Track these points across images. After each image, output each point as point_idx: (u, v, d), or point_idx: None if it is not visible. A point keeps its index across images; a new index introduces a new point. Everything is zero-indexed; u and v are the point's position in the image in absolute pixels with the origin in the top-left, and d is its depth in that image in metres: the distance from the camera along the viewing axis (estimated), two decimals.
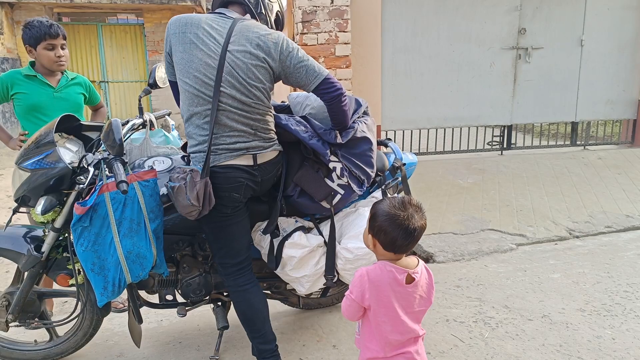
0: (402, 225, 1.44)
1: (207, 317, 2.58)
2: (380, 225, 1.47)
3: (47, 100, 2.54)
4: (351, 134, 2.00)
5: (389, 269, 1.49)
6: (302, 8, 4.32)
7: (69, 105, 2.57)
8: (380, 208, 1.50)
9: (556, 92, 5.58)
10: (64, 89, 2.60)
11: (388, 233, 1.46)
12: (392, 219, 1.45)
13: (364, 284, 1.48)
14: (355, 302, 1.51)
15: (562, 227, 4.03)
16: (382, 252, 1.51)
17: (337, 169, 1.99)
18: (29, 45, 2.49)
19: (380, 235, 1.48)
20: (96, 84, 10.35)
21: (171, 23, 1.82)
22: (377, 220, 1.49)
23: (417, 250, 3.68)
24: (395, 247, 1.48)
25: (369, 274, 1.49)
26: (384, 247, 1.49)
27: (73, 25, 10.25)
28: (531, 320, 2.63)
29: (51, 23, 2.49)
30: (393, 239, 1.46)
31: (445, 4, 5.06)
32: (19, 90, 2.51)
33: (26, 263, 2.03)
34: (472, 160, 5.35)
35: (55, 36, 2.47)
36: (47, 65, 2.52)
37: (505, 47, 5.31)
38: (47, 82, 2.55)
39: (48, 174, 1.87)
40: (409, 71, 5.10)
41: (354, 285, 1.51)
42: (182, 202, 1.76)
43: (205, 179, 1.76)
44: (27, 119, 2.54)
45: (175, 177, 1.80)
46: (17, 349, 2.26)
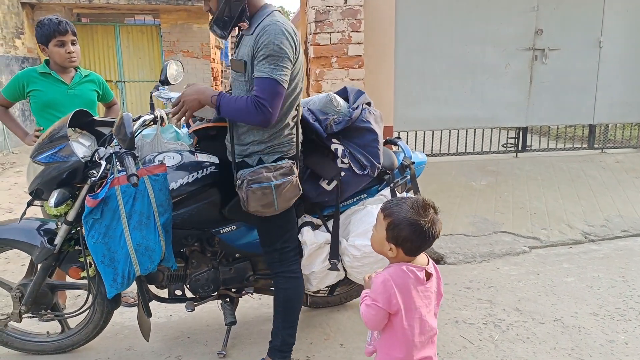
0: (428, 232, 1.42)
1: (216, 312, 2.60)
2: (406, 236, 1.42)
3: (61, 97, 2.57)
4: (345, 123, 2.03)
5: (410, 269, 1.46)
6: (315, 8, 4.33)
7: (82, 102, 2.58)
8: (402, 217, 1.43)
9: (573, 94, 5.49)
10: (77, 85, 2.63)
11: (415, 242, 1.43)
12: (420, 228, 1.41)
13: (390, 289, 1.43)
14: (382, 310, 1.45)
15: (577, 231, 3.97)
16: (402, 258, 1.48)
17: (339, 150, 2.03)
18: (41, 43, 2.53)
19: (405, 244, 1.44)
20: (113, 83, 10.50)
21: (295, 32, 1.86)
22: (402, 231, 1.43)
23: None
24: (418, 252, 1.48)
25: (393, 279, 1.44)
26: (407, 254, 1.46)
27: (91, 26, 10.42)
28: (543, 324, 2.59)
29: (59, 20, 2.51)
30: (419, 247, 1.45)
31: (460, 5, 5.02)
32: (35, 87, 2.55)
33: (39, 255, 2.07)
34: (486, 162, 5.29)
35: (64, 32, 2.49)
36: (59, 61, 2.55)
37: (521, 48, 5.24)
38: (61, 79, 2.59)
39: (61, 168, 1.91)
40: (422, 72, 5.07)
41: (378, 292, 1.45)
42: (289, 196, 1.87)
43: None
44: (42, 116, 2.58)
45: (272, 175, 1.82)
46: (30, 340, 2.31)
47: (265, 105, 1.74)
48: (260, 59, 1.75)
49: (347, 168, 2.04)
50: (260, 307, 2.79)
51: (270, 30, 1.75)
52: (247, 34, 1.86)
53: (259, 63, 1.76)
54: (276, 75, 1.74)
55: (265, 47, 1.74)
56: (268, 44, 1.74)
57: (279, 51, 1.74)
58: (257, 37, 1.77)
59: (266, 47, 1.74)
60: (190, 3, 9.88)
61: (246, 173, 1.85)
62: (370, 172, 2.06)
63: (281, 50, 1.74)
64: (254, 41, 1.78)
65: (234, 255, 2.28)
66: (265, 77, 1.75)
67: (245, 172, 1.86)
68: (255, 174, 1.83)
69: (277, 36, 1.74)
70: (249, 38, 1.83)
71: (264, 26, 1.78)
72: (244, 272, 2.27)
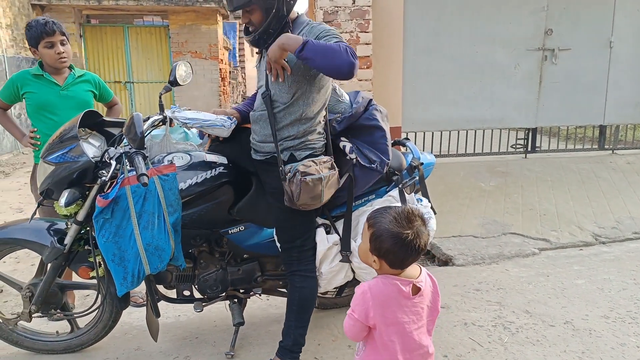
0: (412, 244, 1.34)
1: (224, 313, 2.60)
2: (388, 248, 1.36)
3: (54, 98, 2.54)
4: (347, 121, 2.09)
5: (393, 282, 1.39)
6: (323, 8, 4.33)
7: (75, 103, 2.56)
8: (385, 228, 1.36)
9: (583, 94, 5.44)
10: (70, 86, 2.59)
11: (398, 254, 1.36)
12: (401, 240, 1.34)
13: (367, 302, 1.38)
14: (359, 322, 1.40)
15: (587, 233, 3.93)
16: (387, 270, 1.41)
17: (347, 147, 2.07)
18: (31, 46, 2.50)
19: (388, 257, 1.38)
20: (122, 84, 10.58)
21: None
22: (384, 242, 1.36)
23: (436, 253, 3.64)
24: (404, 264, 1.40)
25: (371, 290, 1.39)
26: (392, 266, 1.40)
27: (100, 27, 10.50)
28: (553, 326, 2.57)
29: (46, 21, 2.47)
30: (403, 260, 1.38)
31: (469, 5, 4.99)
32: (29, 89, 2.53)
33: (49, 255, 2.08)
34: (495, 163, 5.26)
35: (52, 33, 2.46)
36: (50, 63, 2.52)
37: (530, 48, 5.20)
38: (54, 81, 2.56)
39: (71, 168, 1.92)
40: (430, 72, 5.05)
41: (356, 303, 1.41)
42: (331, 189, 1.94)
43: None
44: (37, 118, 2.57)
45: (320, 168, 1.89)
46: (40, 339, 2.32)
47: (353, 53, 1.76)
48: (324, 38, 1.84)
49: (356, 163, 2.07)
50: (268, 308, 2.78)
51: (316, 24, 1.92)
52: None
53: (327, 40, 1.83)
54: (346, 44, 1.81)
55: (326, 32, 1.85)
56: (327, 30, 1.87)
57: (336, 33, 1.87)
58: (305, 34, 1.87)
59: (327, 32, 1.86)
60: (199, 4, 9.93)
61: (298, 165, 1.89)
62: (379, 167, 2.07)
63: (337, 33, 1.88)
64: (304, 36, 1.82)
65: (242, 255, 2.29)
66: (342, 42, 1.81)
67: (297, 165, 1.89)
68: (306, 167, 1.87)
69: (327, 26, 1.91)
70: None
71: (307, 23, 1.94)
72: (252, 272, 2.27)
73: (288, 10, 1.90)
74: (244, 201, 2.13)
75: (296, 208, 1.92)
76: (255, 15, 1.88)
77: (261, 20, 1.88)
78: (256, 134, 2.05)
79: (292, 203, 1.91)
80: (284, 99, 1.93)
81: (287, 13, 1.89)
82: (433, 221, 2.29)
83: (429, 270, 3.34)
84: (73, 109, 2.51)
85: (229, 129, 2.07)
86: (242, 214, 2.14)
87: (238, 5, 1.86)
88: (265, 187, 2.09)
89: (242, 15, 1.92)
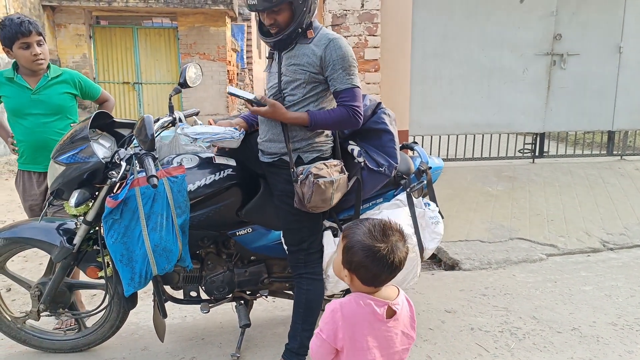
0: (386, 259, 1.23)
1: (230, 315, 2.61)
2: (360, 261, 1.24)
3: (25, 102, 2.38)
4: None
5: (366, 302, 1.27)
6: (332, 12, 4.34)
7: (48, 108, 2.41)
8: (357, 240, 1.26)
9: (592, 99, 5.41)
10: (42, 90, 2.41)
11: (370, 269, 1.24)
12: (373, 253, 1.23)
13: (337, 322, 1.26)
14: (326, 343, 1.27)
15: (595, 239, 3.90)
16: (359, 287, 1.29)
17: (355, 150, 2.10)
18: (5, 46, 2.33)
19: (359, 271, 1.26)
20: (130, 85, 10.64)
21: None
22: (355, 255, 1.25)
23: (443, 257, 3.63)
24: (378, 281, 1.28)
25: (343, 309, 1.26)
26: (364, 282, 1.28)
27: (110, 28, 10.58)
28: (560, 333, 2.55)
29: (22, 20, 2.29)
30: (376, 275, 1.25)
31: (477, 9, 4.99)
32: (2, 93, 2.40)
33: (58, 254, 2.10)
34: (502, 168, 5.24)
35: (28, 34, 2.29)
36: (26, 65, 2.36)
37: (539, 53, 5.18)
38: (25, 85, 2.39)
39: (82, 168, 1.94)
40: (438, 76, 5.04)
41: (325, 322, 1.28)
42: (341, 193, 1.96)
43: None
44: (11, 123, 2.45)
45: (330, 171, 1.91)
46: (47, 338, 2.34)
47: (358, 111, 1.94)
48: (339, 71, 1.91)
49: (364, 166, 2.08)
50: (274, 310, 2.79)
51: (338, 43, 1.91)
52: (304, 42, 1.94)
53: (339, 75, 1.92)
54: (356, 82, 1.95)
55: (342, 60, 1.90)
56: (343, 57, 1.90)
57: (352, 62, 1.93)
58: (326, 50, 1.90)
59: (343, 60, 1.90)
60: (208, 6, 9.98)
61: (310, 167, 1.91)
62: (387, 170, 2.08)
63: (353, 60, 1.94)
64: (323, 53, 1.90)
65: (249, 257, 2.29)
66: (350, 87, 1.93)
67: (310, 167, 1.91)
68: (318, 169, 1.89)
69: (347, 49, 1.92)
70: (307, 47, 1.93)
71: (330, 39, 1.92)
72: (259, 274, 2.27)
73: (313, 10, 1.92)
74: (251, 203, 2.14)
75: (306, 210, 1.93)
76: (283, 15, 1.87)
77: (288, 20, 1.88)
78: (263, 133, 2.07)
79: (302, 205, 1.91)
80: (294, 97, 1.96)
81: (312, 13, 1.92)
82: (441, 225, 2.29)
83: (435, 274, 3.37)
84: (44, 114, 2.40)
85: (238, 139, 2.09)
86: (250, 216, 2.15)
87: (269, 5, 1.82)
88: (273, 190, 2.10)
89: (267, 15, 1.89)
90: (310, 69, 1.92)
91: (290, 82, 1.96)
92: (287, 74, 1.96)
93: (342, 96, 1.94)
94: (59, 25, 9.77)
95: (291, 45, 1.95)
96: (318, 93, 1.98)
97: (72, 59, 9.87)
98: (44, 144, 2.40)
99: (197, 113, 2.39)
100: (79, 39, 9.87)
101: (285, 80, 1.97)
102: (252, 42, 16.59)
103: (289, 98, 1.97)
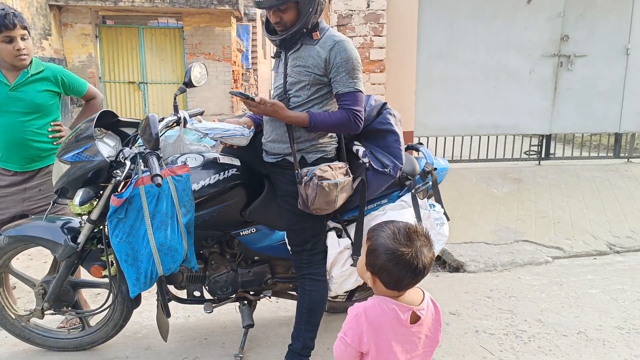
0: (410, 264, 1.21)
1: (233, 315, 2.60)
2: (383, 265, 1.23)
3: (2, 99, 2.29)
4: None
5: (390, 307, 1.25)
6: (337, 12, 4.33)
7: (25, 106, 2.33)
8: (381, 243, 1.24)
9: (599, 101, 5.38)
10: (21, 87, 2.32)
11: (392, 273, 1.23)
12: (397, 257, 1.21)
13: (361, 326, 1.25)
14: (350, 347, 1.26)
15: (602, 242, 3.87)
16: (382, 290, 1.28)
17: (360, 151, 2.08)
18: None
19: (382, 275, 1.25)
20: (135, 84, 10.66)
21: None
22: (379, 258, 1.24)
23: (448, 259, 3.61)
24: (401, 286, 1.26)
25: (367, 313, 1.25)
26: (387, 286, 1.26)
27: (116, 28, 10.60)
28: (566, 336, 2.53)
29: (6, 12, 2.22)
30: (399, 279, 1.24)
31: (484, 10, 4.97)
32: None
33: (63, 253, 2.10)
34: (508, 170, 5.22)
35: (12, 27, 2.21)
36: (7, 59, 2.27)
37: (546, 54, 5.16)
38: (4, 80, 2.30)
39: (86, 167, 1.94)
40: (444, 77, 5.03)
41: (349, 326, 1.27)
42: (345, 195, 1.95)
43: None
44: None
45: (335, 173, 1.90)
46: (51, 336, 2.34)
47: (359, 115, 1.93)
48: (342, 73, 1.89)
49: (369, 167, 2.06)
50: (278, 311, 2.78)
51: (344, 46, 1.89)
52: (310, 44, 1.93)
53: (342, 78, 1.90)
54: (359, 86, 1.93)
55: (345, 63, 1.88)
56: (347, 60, 1.88)
57: (356, 65, 1.91)
58: (330, 52, 1.88)
59: (347, 63, 1.88)
60: (213, 6, 9.99)
61: (315, 169, 1.90)
62: (392, 171, 2.06)
63: (358, 63, 1.92)
64: (328, 55, 1.88)
65: (253, 258, 2.28)
66: (353, 91, 1.91)
67: (314, 169, 1.90)
68: (322, 171, 1.88)
69: (352, 52, 1.90)
70: (312, 48, 1.91)
71: (335, 42, 1.89)
72: (263, 275, 2.27)
73: (320, 11, 1.91)
74: (255, 203, 2.13)
75: (309, 212, 1.92)
76: (289, 14, 1.87)
77: (294, 19, 1.88)
78: (267, 133, 2.07)
79: (306, 207, 1.90)
80: (298, 99, 1.95)
81: (318, 14, 1.91)
82: (446, 227, 2.27)
83: (440, 276, 3.36)
84: (20, 112, 2.32)
85: (247, 137, 2.09)
86: (254, 216, 2.14)
87: (275, 3, 1.82)
88: (277, 190, 2.09)
89: (273, 14, 1.88)
90: (315, 71, 1.91)
91: (295, 83, 1.96)
92: (292, 75, 1.96)
93: (343, 99, 1.92)
94: (65, 25, 9.81)
95: (296, 45, 1.94)
96: (323, 95, 1.97)
97: (79, 58, 9.90)
98: (20, 143, 2.35)
99: (201, 113, 2.39)
100: (85, 39, 9.91)
101: (290, 82, 1.97)
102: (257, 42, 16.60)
103: (293, 99, 1.96)
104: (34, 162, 2.43)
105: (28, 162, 2.42)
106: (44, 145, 2.43)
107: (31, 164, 2.43)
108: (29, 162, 2.42)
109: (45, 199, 2.45)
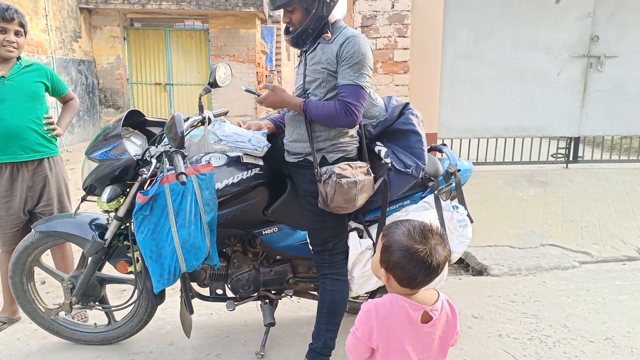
0: (423, 261, 1.22)
1: (255, 313, 2.62)
2: (397, 261, 1.24)
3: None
4: (382, 125, 2.11)
5: (401, 304, 1.27)
6: (362, 13, 4.33)
7: (21, 94, 2.41)
8: (396, 240, 1.26)
9: (630, 103, 5.23)
10: (15, 76, 2.41)
11: (406, 270, 1.24)
12: (411, 254, 1.23)
13: (371, 322, 1.27)
14: (361, 342, 1.29)
15: (631, 247, 3.76)
16: (396, 288, 1.29)
17: (382, 151, 2.08)
18: None
19: (395, 271, 1.26)
20: (162, 86, 10.86)
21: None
22: (393, 254, 1.25)
23: (471, 262, 3.56)
24: (414, 284, 1.26)
25: (377, 310, 1.28)
26: (400, 283, 1.27)
27: (143, 30, 10.82)
28: (592, 342, 2.47)
29: (8, 6, 2.33)
30: (412, 277, 1.24)
31: (511, 10, 4.89)
32: None
33: (90, 249, 2.15)
34: (534, 173, 5.12)
35: (9, 20, 2.32)
36: None
37: (575, 55, 5.05)
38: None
39: (114, 165, 1.99)
40: (469, 78, 4.97)
41: (360, 321, 1.30)
42: (366, 195, 1.94)
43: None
44: None
45: (355, 172, 1.90)
46: (79, 330, 2.40)
47: (353, 109, 1.89)
48: (345, 66, 1.89)
49: (391, 167, 2.06)
50: (299, 310, 2.79)
51: (354, 41, 1.89)
52: (326, 43, 1.96)
53: (344, 70, 1.89)
54: (360, 81, 1.89)
55: (351, 57, 1.88)
56: (353, 54, 1.88)
57: (362, 59, 1.89)
58: (341, 47, 1.89)
59: (352, 57, 1.88)
60: (238, 8, 10.10)
61: (334, 167, 1.91)
62: (414, 172, 2.05)
63: (364, 58, 1.89)
64: (339, 49, 1.90)
65: (275, 257, 2.30)
66: (350, 84, 1.89)
67: (333, 167, 1.91)
68: (342, 169, 1.89)
69: (361, 46, 1.88)
70: (327, 47, 1.94)
71: (347, 37, 1.91)
72: (284, 274, 2.28)
73: (327, 12, 1.93)
74: (278, 203, 2.15)
75: (329, 211, 1.92)
76: (296, 14, 1.93)
77: (301, 20, 1.93)
78: (289, 133, 2.09)
79: (326, 205, 1.91)
80: (316, 97, 1.97)
81: (326, 14, 1.92)
82: (469, 229, 2.24)
83: (463, 279, 3.31)
84: (20, 99, 2.40)
85: (261, 151, 2.11)
86: (276, 216, 2.16)
87: (280, 4, 1.90)
88: (298, 190, 2.10)
89: (284, 14, 1.97)
90: (328, 67, 1.93)
91: (311, 82, 1.98)
92: (309, 74, 1.99)
93: (340, 91, 1.91)
94: (94, 27, 10.06)
95: (306, 44, 1.99)
96: (337, 94, 1.96)
97: (107, 60, 10.15)
98: (18, 132, 2.40)
99: (226, 113, 2.42)
100: (113, 41, 10.15)
101: (308, 80, 2.00)
102: (281, 44, 16.71)
103: (312, 98, 1.99)
104: (26, 153, 2.45)
105: (23, 152, 2.44)
106: (39, 139, 2.48)
107: (24, 155, 2.44)
108: (24, 152, 2.44)
109: (40, 197, 2.53)
